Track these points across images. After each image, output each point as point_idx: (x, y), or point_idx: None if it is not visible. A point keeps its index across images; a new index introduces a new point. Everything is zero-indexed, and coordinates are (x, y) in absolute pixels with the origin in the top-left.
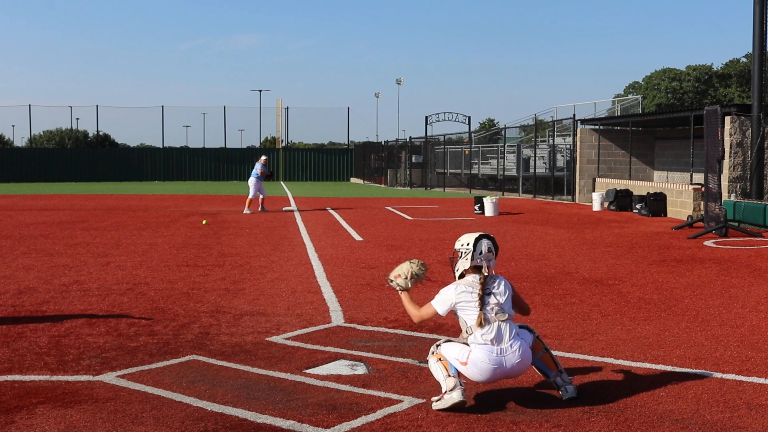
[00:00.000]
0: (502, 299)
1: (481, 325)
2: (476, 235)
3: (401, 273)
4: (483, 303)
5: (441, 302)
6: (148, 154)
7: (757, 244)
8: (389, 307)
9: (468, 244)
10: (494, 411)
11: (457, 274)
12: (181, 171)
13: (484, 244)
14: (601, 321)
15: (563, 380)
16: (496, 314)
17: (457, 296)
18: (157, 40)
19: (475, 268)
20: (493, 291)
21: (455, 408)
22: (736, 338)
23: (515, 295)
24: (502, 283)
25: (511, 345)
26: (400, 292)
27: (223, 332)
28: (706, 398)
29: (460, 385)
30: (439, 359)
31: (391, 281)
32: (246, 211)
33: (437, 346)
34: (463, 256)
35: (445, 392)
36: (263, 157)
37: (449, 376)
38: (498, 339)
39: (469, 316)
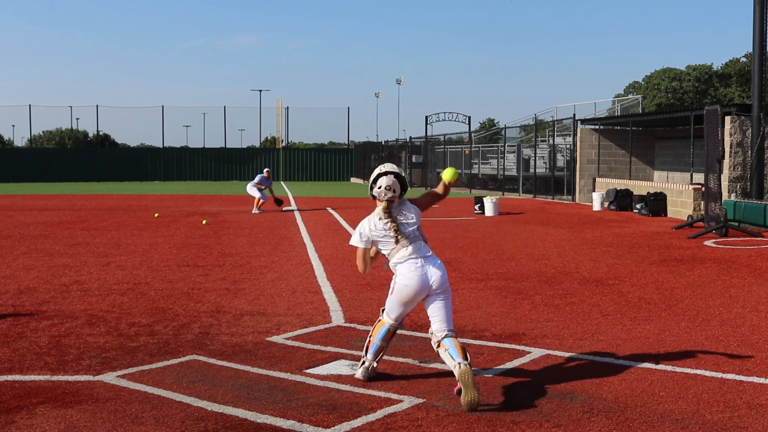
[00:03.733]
0: (413, 223)
1: (401, 243)
2: (381, 170)
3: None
4: (399, 226)
5: (358, 236)
6: (148, 154)
7: (758, 244)
8: None
9: (372, 177)
10: (494, 411)
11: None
12: (181, 171)
13: (384, 180)
14: (601, 321)
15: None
16: (410, 234)
17: (370, 226)
18: (157, 40)
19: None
20: (405, 213)
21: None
22: (736, 338)
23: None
24: (412, 208)
25: (432, 258)
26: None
27: (224, 332)
28: (706, 398)
29: (371, 369)
30: (383, 327)
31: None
32: (255, 210)
33: (380, 319)
34: (368, 186)
35: (362, 363)
36: (266, 170)
37: (366, 355)
38: (419, 251)
39: (386, 243)
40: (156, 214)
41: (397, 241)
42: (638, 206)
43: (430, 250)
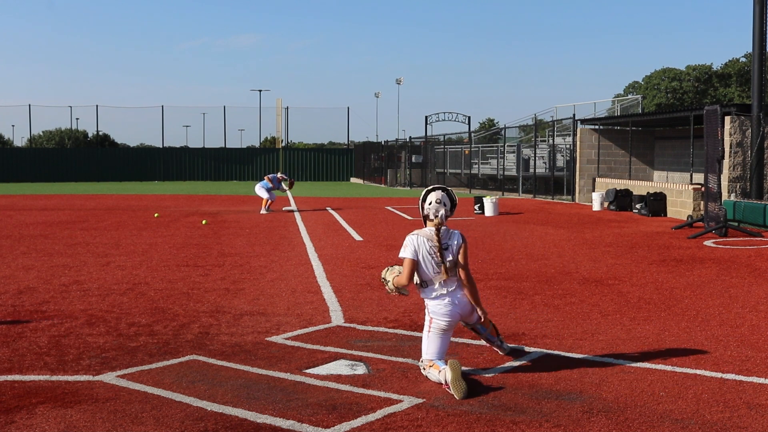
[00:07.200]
0: (453, 255)
1: (443, 276)
2: (430, 187)
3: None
4: (443, 256)
5: (411, 248)
6: (148, 154)
7: (757, 244)
8: (389, 307)
9: (421, 197)
10: (494, 411)
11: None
12: (181, 171)
13: (433, 195)
14: (601, 321)
15: (501, 342)
16: (449, 269)
17: (417, 244)
18: (157, 40)
19: (429, 219)
20: (449, 244)
21: (458, 381)
22: (736, 338)
23: (464, 253)
24: (455, 237)
25: (459, 294)
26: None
27: (223, 332)
28: (706, 398)
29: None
30: (431, 365)
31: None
32: (263, 211)
33: (423, 367)
34: (419, 206)
35: (445, 381)
36: (281, 174)
37: (440, 370)
38: (447, 287)
39: (428, 267)
40: (156, 214)
41: (443, 269)
42: (638, 206)
43: (455, 283)
